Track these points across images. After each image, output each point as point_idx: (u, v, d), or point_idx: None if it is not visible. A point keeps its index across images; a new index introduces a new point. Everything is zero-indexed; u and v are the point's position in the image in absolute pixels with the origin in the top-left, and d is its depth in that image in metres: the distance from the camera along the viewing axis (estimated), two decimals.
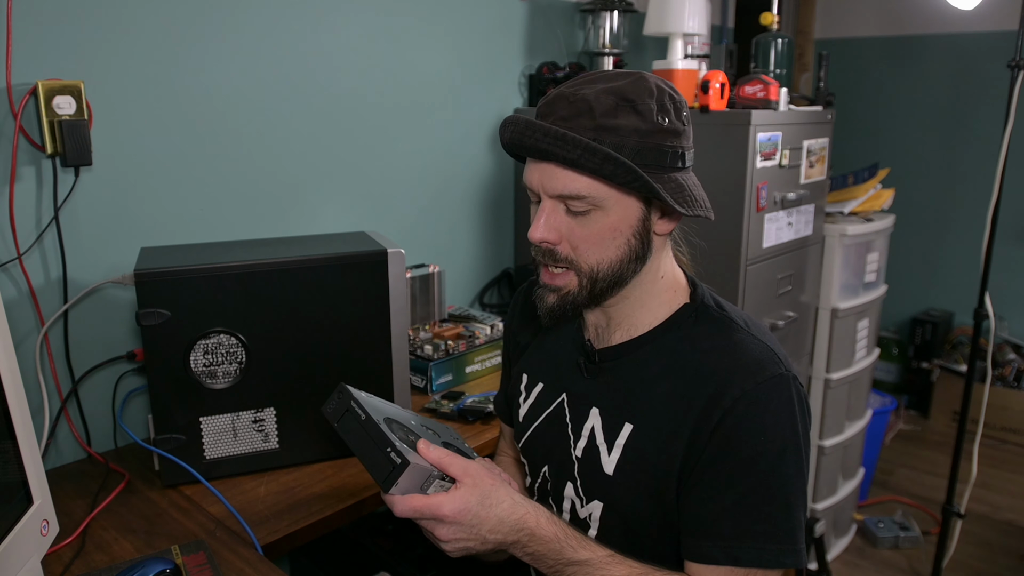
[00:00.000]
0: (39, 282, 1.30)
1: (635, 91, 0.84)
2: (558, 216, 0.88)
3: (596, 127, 0.83)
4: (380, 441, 0.86)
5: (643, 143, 0.84)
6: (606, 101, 0.83)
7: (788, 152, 1.88)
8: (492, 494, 0.85)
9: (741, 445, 0.85)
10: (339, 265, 1.27)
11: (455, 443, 1.06)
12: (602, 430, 0.95)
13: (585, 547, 0.87)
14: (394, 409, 0.99)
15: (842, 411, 2.40)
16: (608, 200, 0.85)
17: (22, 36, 1.21)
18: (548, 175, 0.86)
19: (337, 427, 0.91)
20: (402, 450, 0.85)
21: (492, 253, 2.16)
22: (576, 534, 0.89)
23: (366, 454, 0.88)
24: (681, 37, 2.00)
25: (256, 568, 1.02)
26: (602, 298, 0.93)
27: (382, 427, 0.87)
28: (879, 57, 3.66)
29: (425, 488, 0.87)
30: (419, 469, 0.85)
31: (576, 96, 0.84)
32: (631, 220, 0.87)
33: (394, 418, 0.95)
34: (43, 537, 0.94)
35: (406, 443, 0.89)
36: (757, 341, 0.90)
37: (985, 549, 2.55)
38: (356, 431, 0.89)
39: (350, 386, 0.94)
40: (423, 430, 0.98)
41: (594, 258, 0.89)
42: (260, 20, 1.53)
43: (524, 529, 0.86)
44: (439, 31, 1.87)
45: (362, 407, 0.89)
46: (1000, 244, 2.25)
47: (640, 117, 0.84)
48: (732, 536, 0.85)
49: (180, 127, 1.44)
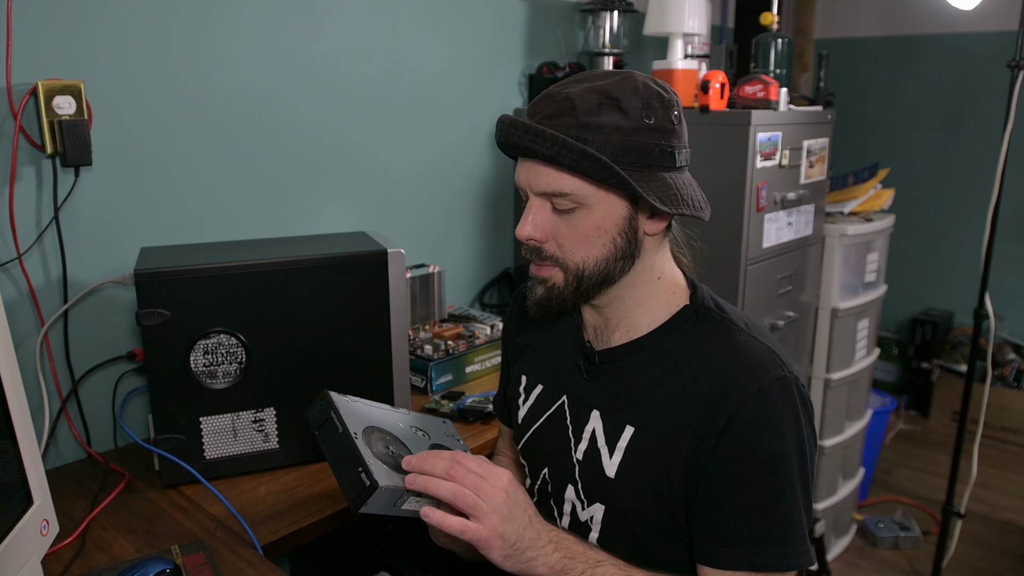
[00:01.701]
0: (39, 282, 1.30)
1: (620, 89, 0.84)
2: (544, 214, 0.88)
3: (579, 125, 0.83)
4: (352, 459, 0.85)
5: (627, 141, 0.84)
6: (589, 99, 0.84)
7: (788, 152, 1.88)
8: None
9: (751, 449, 0.84)
10: (339, 265, 1.27)
11: (446, 442, 1.05)
12: (603, 433, 0.95)
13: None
14: (383, 413, 0.97)
15: (842, 411, 2.40)
16: (592, 198, 0.86)
17: (22, 36, 1.21)
18: (533, 173, 0.87)
19: (318, 435, 0.90)
20: (373, 470, 0.83)
21: (492, 253, 2.16)
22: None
23: (340, 468, 0.86)
24: (681, 37, 2.00)
25: (256, 568, 1.02)
26: (589, 295, 0.92)
27: (357, 443, 0.86)
28: (879, 57, 3.66)
29: (400, 504, 0.86)
30: (390, 491, 0.84)
31: (561, 95, 0.85)
32: (616, 219, 0.87)
33: (379, 426, 0.93)
34: (43, 537, 0.94)
35: (386, 458, 0.88)
36: (758, 343, 0.90)
37: (985, 549, 2.55)
38: (334, 442, 0.88)
39: (334, 392, 0.92)
40: (412, 433, 0.96)
41: (579, 256, 0.89)
42: (260, 20, 1.53)
43: (554, 533, 0.89)
44: (439, 31, 1.87)
45: (341, 419, 0.88)
46: (1000, 244, 2.25)
47: (624, 115, 0.84)
48: (749, 541, 0.85)
49: (180, 127, 1.44)
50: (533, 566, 0.85)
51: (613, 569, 0.86)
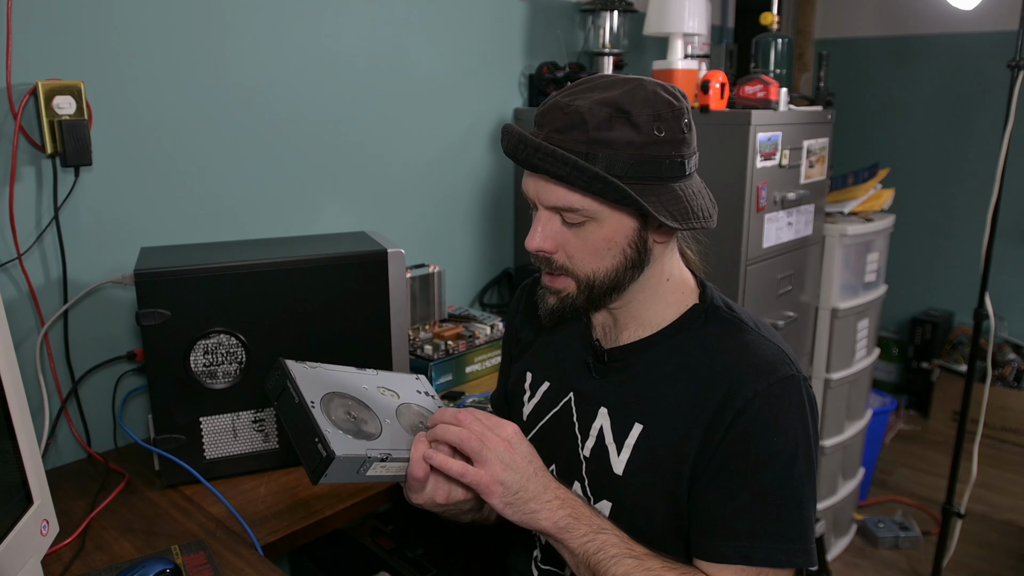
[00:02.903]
0: (39, 282, 1.30)
1: (630, 101, 0.83)
2: (554, 226, 0.89)
3: (589, 141, 0.83)
4: (308, 429, 0.82)
5: (638, 156, 0.83)
6: (600, 113, 0.82)
7: (788, 152, 1.88)
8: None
9: (754, 445, 0.85)
10: (339, 265, 1.27)
11: (418, 400, 1.01)
12: (611, 430, 0.96)
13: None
14: (346, 376, 0.94)
15: (842, 411, 2.40)
16: (602, 212, 0.86)
17: (22, 36, 1.21)
18: (543, 187, 0.87)
19: (276, 405, 0.87)
20: (331, 440, 0.80)
21: (492, 253, 2.16)
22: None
23: (299, 439, 0.84)
24: (681, 37, 2.00)
25: (256, 568, 1.02)
26: (601, 303, 0.94)
27: (314, 412, 0.83)
28: (879, 57, 3.66)
29: (363, 472, 0.84)
30: (349, 459, 0.81)
31: (571, 107, 0.84)
32: (626, 231, 0.88)
33: (341, 391, 0.90)
34: (43, 537, 0.94)
35: (346, 424, 0.85)
36: (768, 342, 0.91)
37: (985, 549, 2.55)
38: (291, 412, 0.85)
39: (290, 360, 0.89)
40: (379, 395, 0.92)
41: (590, 268, 0.89)
42: (260, 21, 1.53)
43: (562, 491, 0.89)
44: (439, 31, 1.87)
45: (297, 388, 0.85)
46: (1000, 244, 2.25)
47: (635, 129, 0.83)
48: (745, 535, 0.85)
49: (180, 127, 1.44)
50: (536, 518, 0.86)
51: (615, 539, 0.87)
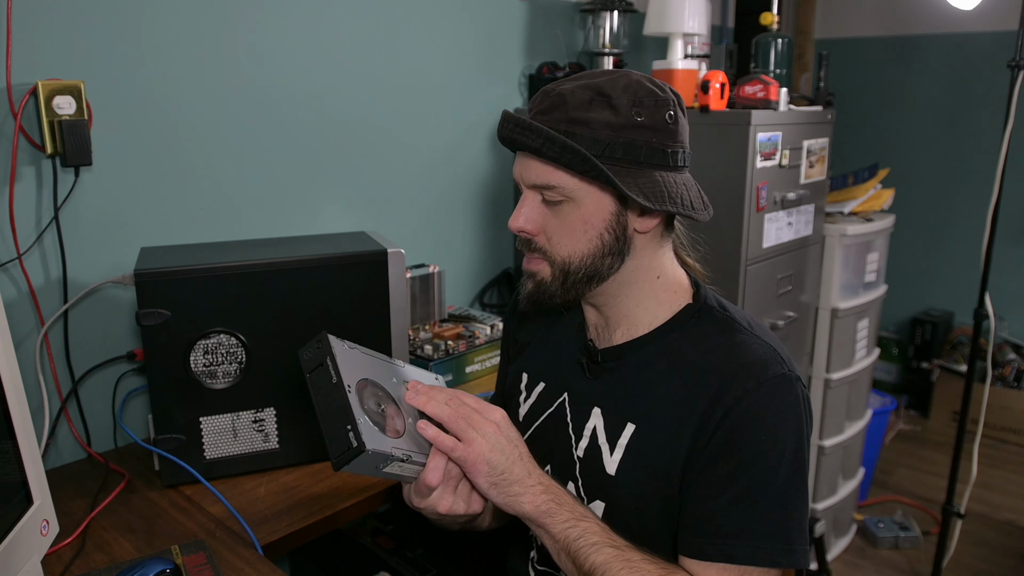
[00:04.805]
0: (39, 282, 1.30)
1: (611, 86, 0.86)
2: (536, 206, 0.91)
3: (568, 120, 0.85)
4: (342, 413, 0.81)
5: (615, 137, 0.85)
6: (581, 95, 0.86)
7: (788, 152, 1.88)
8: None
9: (742, 444, 0.85)
10: (339, 265, 1.27)
11: None
12: (604, 430, 0.96)
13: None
14: (378, 364, 0.94)
15: (842, 411, 2.40)
16: (578, 192, 0.87)
17: (22, 36, 1.21)
18: (525, 166, 0.89)
19: (308, 378, 0.86)
20: (362, 431, 0.80)
21: (492, 253, 2.16)
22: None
23: (327, 420, 0.83)
24: (681, 37, 2.00)
25: (256, 568, 1.02)
26: (577, 291, 0.93)
27: (350, 397, 0.82)
28: (879, 57, 3.66)
29: (381, 468, 0.84)
30: (375, 455, 0.81)
31: (555, 91, 0.88)
32: (604, 214, 0.88)
33: (373, 379, 0.90)
34: (43, 537, 0.94)
35: (376, 416, 0.85)
36: (760, 341, 0.91)
37: (985, 549, 2.55)
38: (324, 391, 0.84)
39: (333, 336, 0.88)
40: (404, 390, 0.92)
41: (566, 250, 0.90)
42: (260, 20, 1.53)
43: (545, 478, 0.91)
44: (439, 31, 1.88)
45: (336, 368, 0.84)
46: (1000, 244, 2.25)
47: (613, 112, 0.85)
48: (729, 534, 0.85)
49: (180, 127, 1.44)
50: (519, 501, 0.88)
51: (596, 527, 0.87)
